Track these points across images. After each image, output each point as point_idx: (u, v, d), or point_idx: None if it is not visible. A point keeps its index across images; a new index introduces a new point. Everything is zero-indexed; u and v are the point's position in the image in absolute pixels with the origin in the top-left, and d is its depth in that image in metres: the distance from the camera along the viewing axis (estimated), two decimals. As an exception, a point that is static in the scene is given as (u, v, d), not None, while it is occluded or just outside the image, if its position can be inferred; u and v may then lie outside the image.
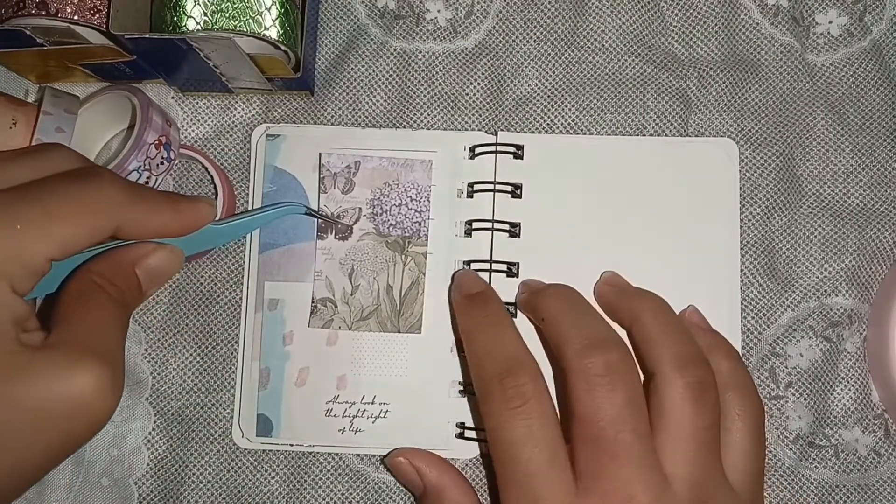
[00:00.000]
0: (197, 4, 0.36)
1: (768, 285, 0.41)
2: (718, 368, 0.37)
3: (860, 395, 0.41)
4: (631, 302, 0.38)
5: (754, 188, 0.42)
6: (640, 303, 0.38)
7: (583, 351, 0.35)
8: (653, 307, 0.37)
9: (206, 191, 0.42)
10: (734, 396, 0.36)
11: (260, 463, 0.40)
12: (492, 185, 0.41)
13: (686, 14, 0.43)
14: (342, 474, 0.40)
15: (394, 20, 0.43)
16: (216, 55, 0.38)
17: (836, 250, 0.41)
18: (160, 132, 0.39)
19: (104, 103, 0.40)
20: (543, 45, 0.43)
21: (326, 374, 0.40)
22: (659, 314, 0.37)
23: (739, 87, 0.43)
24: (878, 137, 0.42)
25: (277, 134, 0.42)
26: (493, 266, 0.40)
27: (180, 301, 0.41)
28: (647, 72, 0.43)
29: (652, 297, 0.38)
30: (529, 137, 0.42)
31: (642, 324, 0.37)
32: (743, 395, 0.36)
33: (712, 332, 0.39)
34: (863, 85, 0.43)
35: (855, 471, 0.40)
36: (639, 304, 0.38)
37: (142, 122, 0.38)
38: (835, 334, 0.41)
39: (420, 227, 0.41)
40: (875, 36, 0.43)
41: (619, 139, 0.42)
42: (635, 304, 0.38)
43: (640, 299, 0.38)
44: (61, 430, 0.28)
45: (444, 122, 0.43)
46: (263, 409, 0.40)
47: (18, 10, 0.36)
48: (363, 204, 0.41)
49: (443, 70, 0.43)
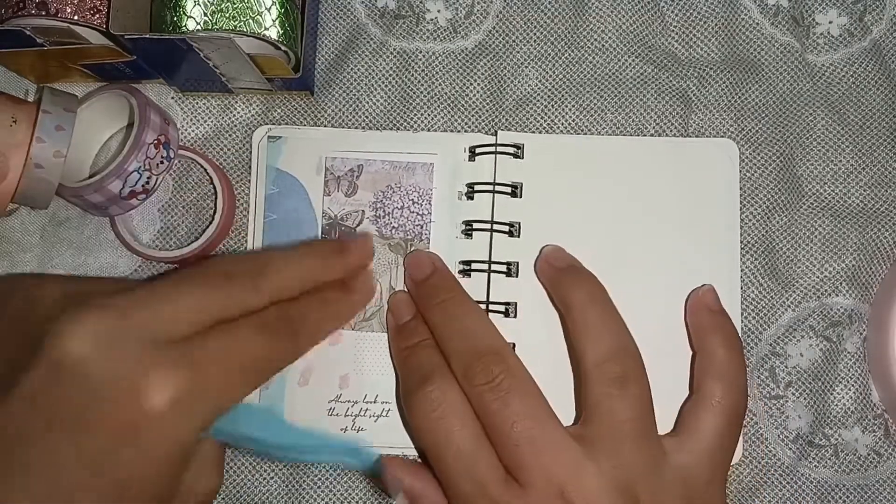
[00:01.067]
0: (197, 4, 0.36)
1: (768, 285, 0.41)
2: (710, 353, 0.37)
3: (860, 395, 0.41)
4: (563, 287, 0.39)
5: (754, 188, 0.42)
6: (571, 291, 0.38)
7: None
8: (581, 298, 0.38)
9: (206, 191, 0.42)
10: (714, 385, 0.36)
11: (260, 463, 0.40)
12: (491, 185, 0.41)
13: (686, 14, 0.43)
14: (342, 474, 0.40)
15: (394, 20, 0.43)
16: (216, 55, 0.38)
17: (837, 250, 0.42)
18: (159, 131, 0.39)
19: (102, 102, 0.40)
20: (543, 45, 0.43)
21: (329, 373, 0.40)
22: (586, 306, 0.37)
23: (739, 87, 0.43)
24: (878, 137, 0.42)
25: (279, 136, 0.42)
26: (493, 266, 0.40)
27: (180, 301, 0.41)
28: (648, 72, 0.43)
29: (583, 285, 0.38)
30: (529, 137, 0.42)
31: (571, 316, 0.37)
32: (726, 384, 0.37)
33: (717, 315, 0.39)
34: (863, 85, 0.43)
35: (854, 471, 0.40)
36: (569, 293, 0.38)
37: (140, 123, 0.38)
38: (835, 334, 0.41)
39: (422, 230, 0.41)
40: (875, 36, 0.43)
41: (619, 139, 0.42)
42: (566, 291, 0.38)
43: (571, 286, 0.38)
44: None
45: (445, 122, 0.43)
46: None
47: (18, 10, 0.36)
48: (366, 207, 0.41)
49: (443, 70, 0.43)
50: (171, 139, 0.40)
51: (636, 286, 0.40)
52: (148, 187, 0.40)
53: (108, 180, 0.38)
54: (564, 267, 0.39)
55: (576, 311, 0.37)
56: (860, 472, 0.40)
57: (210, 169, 0.41)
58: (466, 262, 0.41)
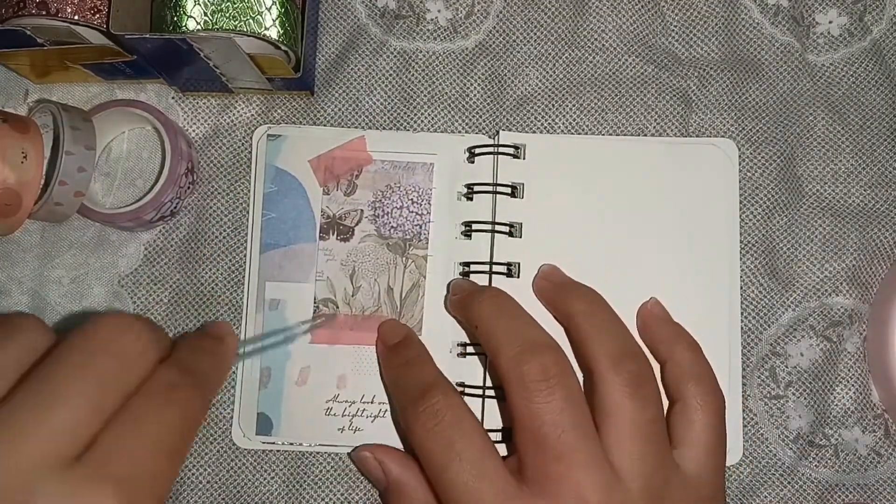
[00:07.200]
0: (197, 4, 0.36)
1: (768, 285, 0.41)
2: (680, 360, 0.37)
3: (860, 395, 0.41)
4: (565, 300, 0.38)
5: (754, 188, 0.42)
6: (574, 302, 0.38)
7: (517, 358, 0.35)
8: (585, 307, 0.37)
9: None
10: (695, 388, 0.36)
11: (259, 463, 0.40)
12: (492, 186, 0.41)
13: (686, 14, 0.43)
14: (342, 474, 0.40)
15: (394, 20, 0.43)
16: (216, 55, 0.38)
17: (837, 250, 0.42)
18: (187, 159, 0.40)
19: (114, 114, 0.40)
20: (544, 45, 0.43)
21: (327, 373, 0.40)
22: (592, 313, 0.37)
23: (740, 87, 0.43)
24: (878, 137, 0.42)
25: (278, 134, 0.42)
26: (493, 267, 0.40)
27: (180, 301, 0.41)
28: (648, 72, 0.43)
29: (585, 295, 0.38)
30: (530, 137, 0.42)
31: (576, 323, 0.37)
32: (704, 386, 0.37)
33: (673, 324, 0.39)
34: (863, 85, 0.43)
35: (855, 470, 0.40)
36: (572, 304, 0.38)
37: (173, 155, 0.39)
38: (835, 334, 0.41)
39: (421, 230, 0.41)
40: (875, 36, 0.43)
41: (619, 139, 0.42)
42: (569, 303, 0.38)
43: (573, 298, 0.38)
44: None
45: (445, 122, 0.43)
46: (263, 408, 0.40)
47: (18, 10, 0.36)
48: (365, 206, 0.41)
49: (443, 70, 0.43)
50: (195, 163, 0.41)
51: (636, 286, 0.40)
52: (175, 210, 0.41)
53: (144, 211, 0.39)
54: (563, 282, 0.40)
55: (581, 319, 0.37)
56: (860, 472, 0.40)
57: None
58: (466, 264, 0.41)
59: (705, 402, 0.36)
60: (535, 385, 0.34)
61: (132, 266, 0.42)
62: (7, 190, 0.36)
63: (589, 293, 0.38)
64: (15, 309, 0.41)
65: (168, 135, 0.39)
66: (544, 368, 0.34)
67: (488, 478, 0.33)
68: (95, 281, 0.42)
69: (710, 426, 0.36)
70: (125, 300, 0.42)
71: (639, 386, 0.34)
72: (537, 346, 0.35)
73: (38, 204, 0.37)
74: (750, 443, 0.40)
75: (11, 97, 0.43)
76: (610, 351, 0.35)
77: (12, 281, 0.42)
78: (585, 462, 0.33)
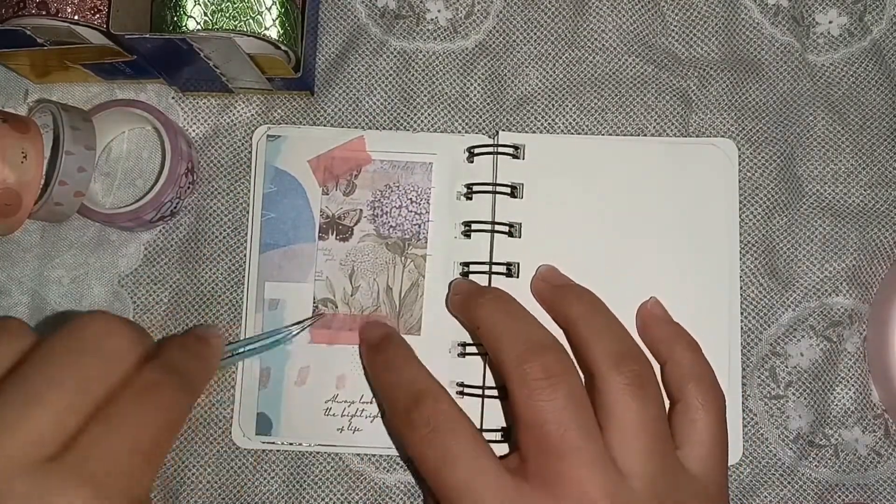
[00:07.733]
0: (197, 4, 0.36)
1: (768, 285, 0.41)
2: (680, 360, 0.37)
3: (860, 395, 0.41)
4: (562, 303, 0.38)
5: (754, 188, 0.42)
6: (571, 305, 0.38)
7: (520, 358, 0.35)
8: (583, 310, 0.37)
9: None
10: (696, 388, 0.36)
11: (259, 463, 0.40)
12: (491, 186, 0.41)
13: (686, 14, 0.43)
14: (342, 474, 0.40)
15: (394, 20, 0.43)
16: (216, 55, 0.38)
17: (837, 250, 0.42)
18: (187, 160, 0.40)
19: (114, 114, 0.40)
20: (544, 45, 0.43)
21: (326, 373, 0.40)
22: (590, 315, 0.37)
23: (740, 87, 0.43)
24: (878, 137, 0.42)
25: (278, 135, 0.42)
26: (493, 267, 0.40)
27: (180, 301, 0.41)
28: (648, 72, 0.43)
29: (581, 297, 0.38)
30: (530, 137, 0.42)
31: (575, 326, 0.37)
32: (704, 385, 0.37)
33: (673, 324, 0.39)
34: (863, 85, 0.43)
35: (855, 470, 0.40)
36: (570, 307, 0.38)
37: (173, 156, 0.39)
38: (835, 334, 0.41)
39: (419, 230, 0.41)
40: (875, 36, 0.43)
41: (619, 139, 0.42)
42: (566, 306, 0.38)
43: (570, 301, 0.38)
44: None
45: (445, 122, 0.43)
46: (263, 408, 0.40)
47: (18, 10, 0.36)
48: (364, 206, 0.41)
49: (443, 70, 0.43)
50: (194, 163, 0.41)
51: (636, 286, 0.40)
52: (175, 210, 0.41)
53: (144, 211, 0.39)
54: (561, 284, 0.39)
55: (580, 321, 0.37)
56: (860, 472, 0.40)
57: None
58: (465, 264, 0.41)
59: (706, 402, 0.36)
60: (537, 384, 0.34)
61: (132, 266, 0.42)
62: (7, 190, 0.36)
63: (585, 295, 0.38)
64: (15, 309, 0.41)
65: (168, 135, 0.39)
66: (547, 367, 0.34)
67: (485, 477, 0.33)
68: (95, 281, 0.42)
69: (712, 425, 0.36)
70: (125, 300, 0.42)
71: (641, 385, 0.34)
72: (540, 346, 0.35)
73: (38, 204, 0.37)
74: (750, 443, 0.40)
75: (11, 97, 0.43)
76: (610, 352, 0.35)
77: (12, 281, 0.42)
78: (589, 460, 0.33)
